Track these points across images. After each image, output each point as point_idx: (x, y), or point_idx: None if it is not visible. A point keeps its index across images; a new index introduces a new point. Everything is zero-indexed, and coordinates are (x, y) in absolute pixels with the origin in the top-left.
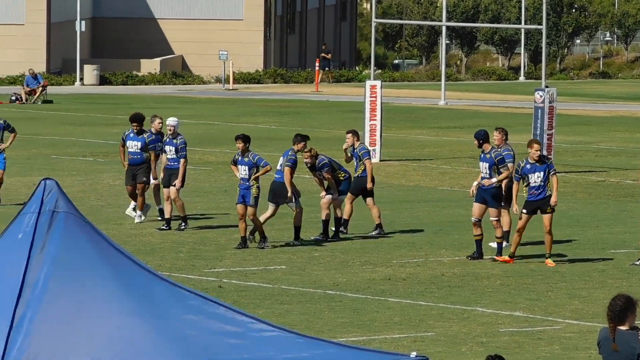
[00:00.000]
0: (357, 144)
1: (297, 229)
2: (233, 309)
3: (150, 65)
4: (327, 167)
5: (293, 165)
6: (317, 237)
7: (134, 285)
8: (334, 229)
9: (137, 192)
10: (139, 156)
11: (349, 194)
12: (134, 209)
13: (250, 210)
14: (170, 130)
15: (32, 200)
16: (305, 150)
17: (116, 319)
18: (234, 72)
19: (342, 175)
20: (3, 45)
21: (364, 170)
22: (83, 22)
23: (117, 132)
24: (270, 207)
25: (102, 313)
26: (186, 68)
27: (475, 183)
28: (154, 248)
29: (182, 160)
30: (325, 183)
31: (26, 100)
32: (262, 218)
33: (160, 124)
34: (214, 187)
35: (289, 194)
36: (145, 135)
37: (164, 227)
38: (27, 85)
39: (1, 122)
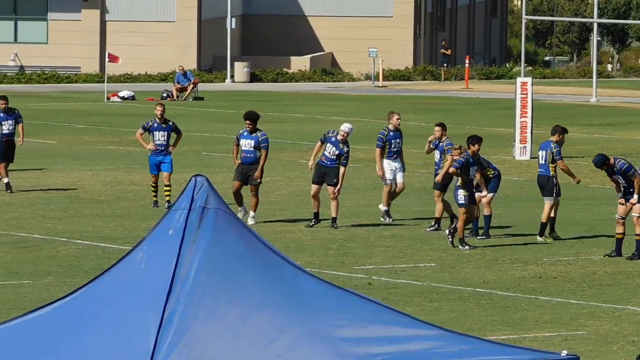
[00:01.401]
0: (443, 138)
1: (544, 225)
2: (381, 304)
3: (300, 63)
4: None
5: (561, 156)
6: (467, 235)
7: (283, 281)
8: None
9: (251, 193)
10: (252, 154)
11: (437, 191)
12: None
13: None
14: (343, 135)
15: (183, 196)
16: (455, 147)
17: (266, 312)
18: (383, 70)
19: (491, 172)
20: (154, 42)
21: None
22: (233, 20)
23: (267, 129)
24: (547, 202)
25: (252, 306)
26: (336, 65)
27: (620, 198)
28: (303, 245)
29: (342, 169)
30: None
31: (177, 97)
32: (543, 215)
33: (399, 120)
34: (364, 184)
35: (554, 188)
36: (258, 134)
37: (314, 222)
38: (178, 83)
39: (170, 123)
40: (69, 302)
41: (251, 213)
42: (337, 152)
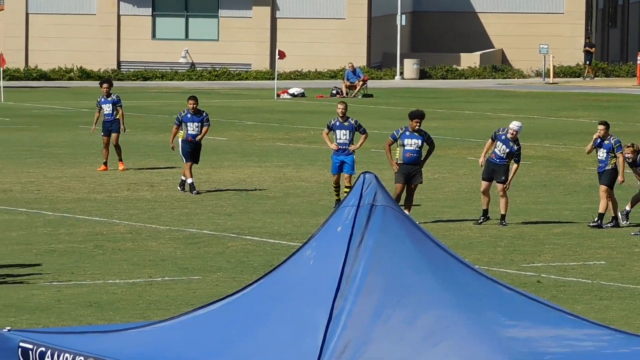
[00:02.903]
0: (608, 136)
1: None
2: (549, 304)
3: (470, 59)
4: None
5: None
6: (636, 232)
7: (451, 279)
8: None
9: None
10: (417, 154)
11: (603, 186)
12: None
13: None
14: (512, 134)
15: (352, 193)
16: (627, 145)
17: (434, 311)
18: (554, 66)
19: None
20: (324, 39)
21: (616, 163)
22: (404, 16)
23: (435, 125)
24: None
25: (419, 306)
26: (506, 62)
27: None
28: (472, 242)
29: (515, 165)
30: None
31: (347, 94)
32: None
33: None
34: (533, 181)
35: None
36: (422, 133)
37: (482, 219)
38: (348, 80)
39: (352, 122)
40: (239, 299)
41: (406, 213)
42: (507, 150)
